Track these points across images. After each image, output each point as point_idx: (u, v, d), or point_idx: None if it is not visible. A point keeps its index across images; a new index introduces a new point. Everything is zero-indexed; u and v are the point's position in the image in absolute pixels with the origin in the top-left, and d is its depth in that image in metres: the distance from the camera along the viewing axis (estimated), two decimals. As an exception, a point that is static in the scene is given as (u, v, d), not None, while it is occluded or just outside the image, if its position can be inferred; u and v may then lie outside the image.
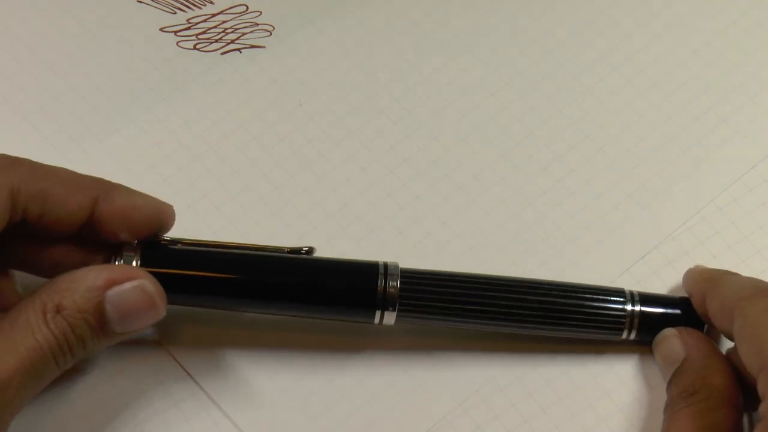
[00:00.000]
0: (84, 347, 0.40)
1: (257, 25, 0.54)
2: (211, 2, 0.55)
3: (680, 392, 0.42)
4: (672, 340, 0.43)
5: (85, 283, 0.39)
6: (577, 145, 0.51)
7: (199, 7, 0.55)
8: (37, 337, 0.38)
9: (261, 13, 0.54)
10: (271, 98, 0.52)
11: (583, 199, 0.49)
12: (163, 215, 0.42)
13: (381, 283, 0.42)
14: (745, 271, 0.46)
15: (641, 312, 0.44)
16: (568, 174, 0.50)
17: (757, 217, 0.48)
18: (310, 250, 0.44)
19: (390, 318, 0.43)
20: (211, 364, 0.44)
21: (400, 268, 0.43)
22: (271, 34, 0.54)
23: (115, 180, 0.48)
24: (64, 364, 0.39)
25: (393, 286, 0.43)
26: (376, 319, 0.43)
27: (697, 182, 0.49)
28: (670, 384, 0.43)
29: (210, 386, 0.44)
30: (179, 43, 0.53)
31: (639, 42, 0.53)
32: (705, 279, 0.44)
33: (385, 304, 0.42)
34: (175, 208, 0.43)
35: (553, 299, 0.44)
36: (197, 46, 0.53)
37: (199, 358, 0.45)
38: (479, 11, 0.54)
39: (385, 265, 0.43)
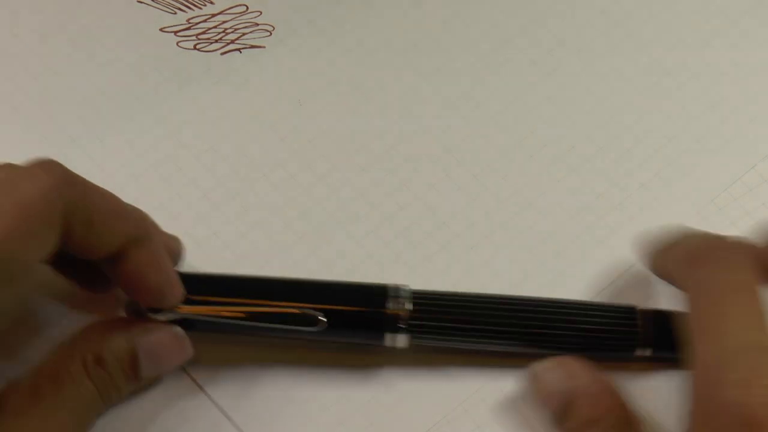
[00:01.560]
0: (119, 395, 0.41)
1: (257, 25, 0.54)
2: (211, 2, 0.55)
3: (582, 424, 0.40)
4: (552, 374, 0.42)
5: (121, 332, 0.41)
6: (577, 145, 0.51)
7: (199, 7, 0.55)
8: (83, 393, 0.39)
9: (261, 13, 0.54)
10: (271, 98, 0.52)
11: (583, 200, 0.49)
12: (171, 292, 0.41)
13: (391, 306, 0.42)
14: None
15: (654, 330, 0.43)
16: (568, 174, 0.50)
17: (757, 217, 0.48)
18: (318, 321, 0.42)
19: (402, 341, 0.43)
20: (211, 364, 0.44)
21: (411, 290, 0.43)
22: (271, 34, 0.54)
23: (115, 179, 0.48)
24: (100, 413, 0.41)
25: (404, 309, 0.42)
26: (387, 342, 0.43)
27: (696, 182, 0.49)
28: (563, 418, 0.41)
29: (210, 386, 0.44)
30: (179, 43, 0.53)
31: (639, 42, 0.53)
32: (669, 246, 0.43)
33: (396, 327, 0.42)
34: (175, 208, 0.42)
35: (566, 320, 0.43)
36: (197, 46, 0.53)
37: (199, 358, 0.45)
38: (479, 11, 0.54)
39: (396, 288, 0.43)
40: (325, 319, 0.42)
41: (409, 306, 0.42)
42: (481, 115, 0.51)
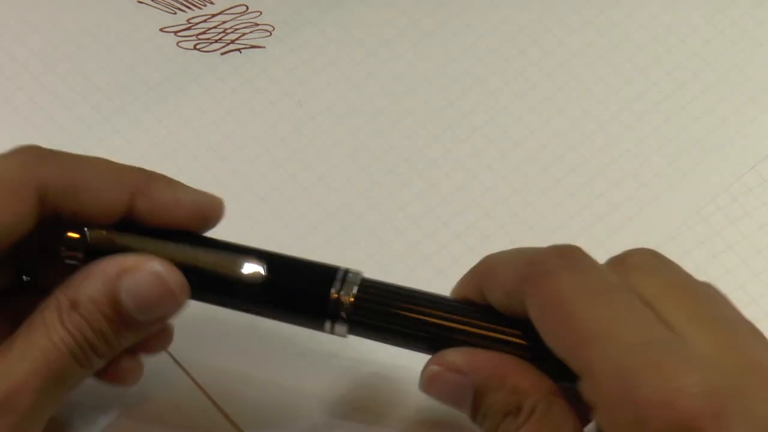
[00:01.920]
0: (106, 342, 0.38)
1: (257, 25, 0.54)
2: (211, 2, 0.55)
3: (503, 418, 0.35)
4: (445, 375, 0.37)
5: (98, 274, 0.38)
6: (577, 145, 0.51)
7: (199, 7, 0.55)
8: (53, 338, 0.37)
9: (261, 13, 0.54)
10: (271, 98, 0.52)
11: (582, 200, 0.49)
12: (209, 211, 0.40)
13: (336, 290, 0.38)
14: (745, 271, 0.46)
15: None
16: (568, 174, 0.50)
17: (757, 217, 0.48)
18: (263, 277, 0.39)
19: (341, 330, 0.38)
20: (211, 364, 0.44)
21: (361, 277, 0.38)
22: (271, 34, 0.54)
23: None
24: (89, 363, 0.38)
25: (347, 296, 0.38)
26: (327, 329, 0.38)
27: (697, 182, 0.49)
28: (478, 414, 0.36)
29: (210, 386, 0.44)
30: (179, 43, 0.53)
31: (639, 42, 0.53)
32: (474, 274, 0.39)
33: (337, 314, 0.38)
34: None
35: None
36: (197, 46, 0.53)
37: (199, 358, 0.45)
38: (479, 11, 0.54)
39: (346, 272, 0.38)
40: (263, 271, 0.38)
41: (353, 294, 0.38)
42: (481, 116, 0.51)
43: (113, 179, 0.39)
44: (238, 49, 0.53)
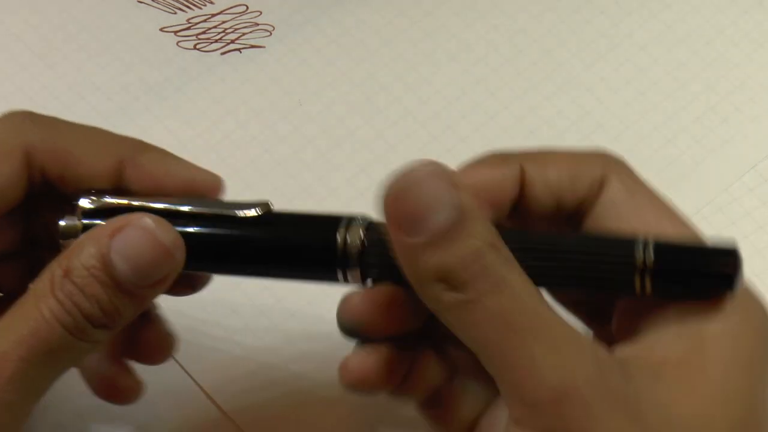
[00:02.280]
0: (102, 310, 0.34)
1: (257, 25, 0.54)
2: (211, 2, 0.55)
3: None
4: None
5: (91, 239, 0.35)
6: (577, 145, 0.51)
7: (199, 7, 0.55)
8: (40, 307, 0.34)
9: (261, 13, 0.55)
10: (271, 98, 0.52)
11: (583, 199, 0.49)
12: (204, 188, 0.38)
13: (341, 237, 0.35)
14: (745, 271, 0.46)
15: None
16: (569, 174, 0.50)
17: (757, 217, 0.48)
18: (268, 209, 0.37)
19: (355, 276, 0.36)
20: (212, 364, 0.45)
21: (369, 221, 0.36)
22: (271, 34, 0.54)
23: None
24: (84, 334, 0.35)
25: (355, 240, 0.35)
26: (341, 279, 0.36)
27: (696, 182, 0.49)
28: None
29: (210, 386, 0.44)
30: (179, 43, 0.53)
31: (639, 42, 0.53)
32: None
33: (346, 261, 0.35)
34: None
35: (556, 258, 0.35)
36: (197, 46, 0.53)
37: (200, 358, 0.45)
38: (479, 11, 0.54)
39: (350, 219, 0.36)
40: (270, 204, 0.37)
41: (361, 236, 0.35)
42: (481, 116, 0.51)
43: (102, 145, 0.38)
44: (238, 49, 0.53)
